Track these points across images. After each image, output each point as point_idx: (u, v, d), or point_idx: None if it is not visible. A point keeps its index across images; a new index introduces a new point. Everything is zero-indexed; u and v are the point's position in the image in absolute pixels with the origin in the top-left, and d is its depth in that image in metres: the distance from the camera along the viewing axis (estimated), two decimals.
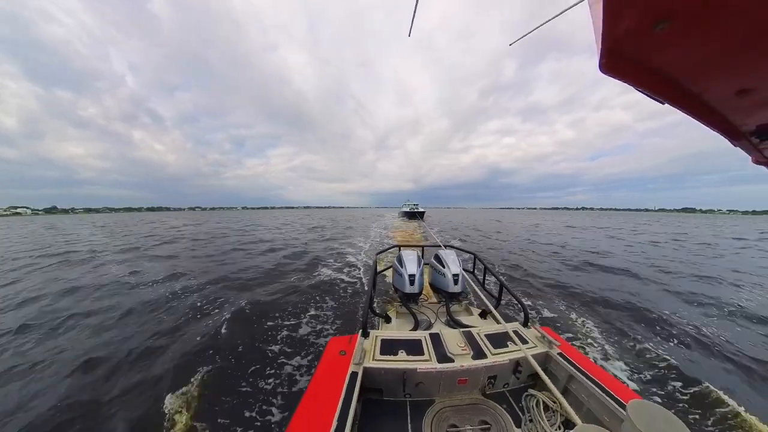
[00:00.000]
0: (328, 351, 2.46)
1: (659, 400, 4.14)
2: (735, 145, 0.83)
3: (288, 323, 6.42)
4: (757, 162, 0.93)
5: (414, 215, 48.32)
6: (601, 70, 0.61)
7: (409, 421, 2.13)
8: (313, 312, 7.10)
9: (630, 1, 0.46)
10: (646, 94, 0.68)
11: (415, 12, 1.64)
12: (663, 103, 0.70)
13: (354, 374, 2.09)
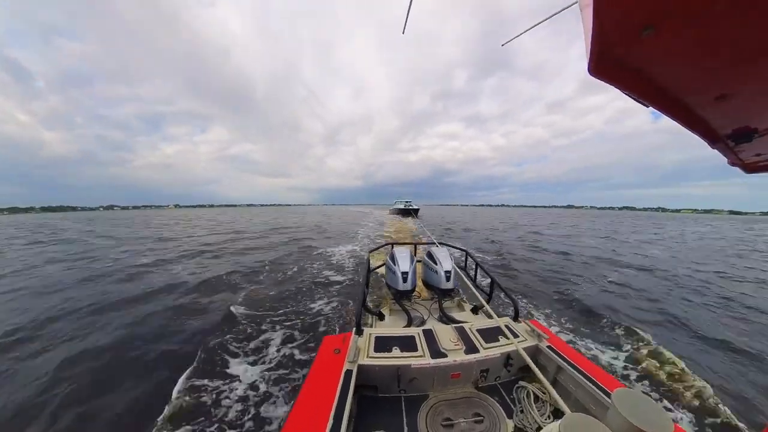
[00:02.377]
0: (322, 350, 2.46)
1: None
2: (713, 147, 0.88)
3: None
4: (732, 164, 0.98)
5: (408, 212, 46.10)
6: (590, 72, 0.63)
7: (404, 416, 2.16)
8: None
9: (618, 7, 0.47)
10: (632, 97, 0.71)
11: (409, 10, 1.64)
12: (647, 106, 0.73)
13: (349, 372, 2.10)
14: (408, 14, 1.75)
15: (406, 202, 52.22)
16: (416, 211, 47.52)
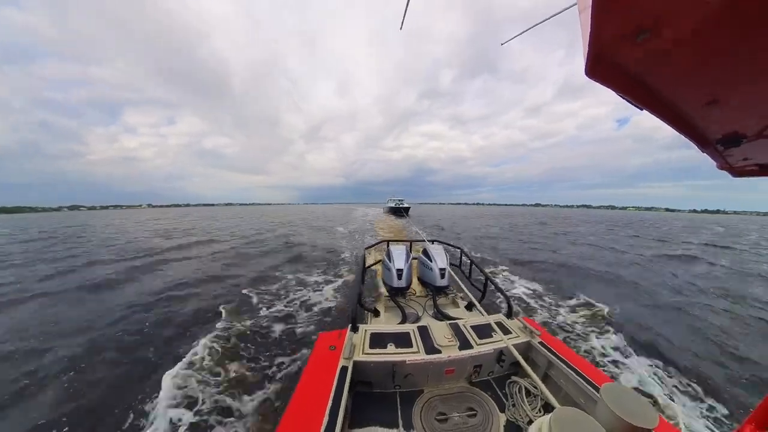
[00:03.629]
0: (317, 346, 2.47)
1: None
2: (703, 152, 0.91)
3: None
4: (721, 168, 1.02)
5: (399, 211, 45.05)
6: (587, 74, 0.64)
7: (399, 411, 2.19)
8: None
9: (617, 10, 0.48)
10: (627, 100, 0.73)
11: (407, 7, 1.64)
12: (641, 110, 0.75)
13: (344, 368, 2.12)
14: (406, 10, 1.74)
15: (398, 200, 51.12)
16: (407, 209, 46.05)
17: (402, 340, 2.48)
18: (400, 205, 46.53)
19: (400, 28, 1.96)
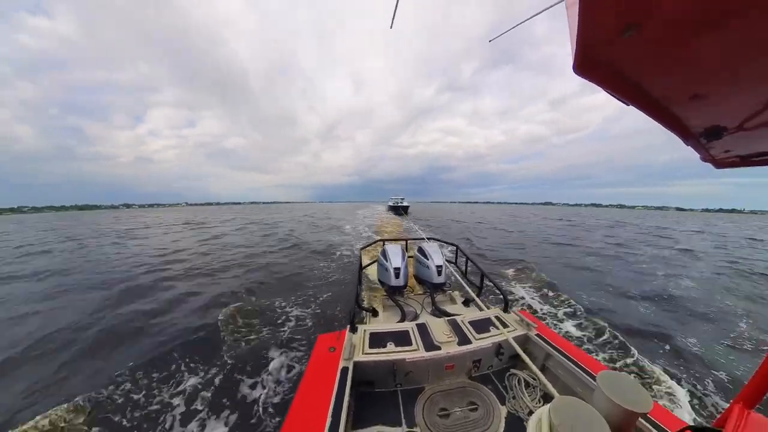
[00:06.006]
0: (317, 349, 2.46)
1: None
2: (687, 144, 0.94)
3: None
4: (704, 160, 1.05)
5: (398, 210, 46.44)
6: (575, 71, 0.66)
7: (401, 409, 2.20)
8: None
9: (603, 7, 0.50)
10: (614, 96, 0.75)
11: (396, 5, 1.64)
12: (627, 104, 0.77)
13: (345, 369, 2.12)
14: (396, 9, 1.74)
15: (399, 199, 52.49)
16: (405, 208, 46.75)
17: (401, 339, 2.49)
18: (399, 204, 47.55)
19: (390, 27, 1.97)
